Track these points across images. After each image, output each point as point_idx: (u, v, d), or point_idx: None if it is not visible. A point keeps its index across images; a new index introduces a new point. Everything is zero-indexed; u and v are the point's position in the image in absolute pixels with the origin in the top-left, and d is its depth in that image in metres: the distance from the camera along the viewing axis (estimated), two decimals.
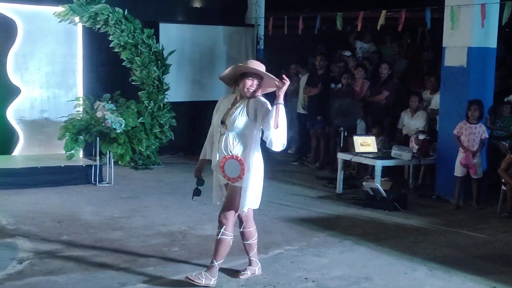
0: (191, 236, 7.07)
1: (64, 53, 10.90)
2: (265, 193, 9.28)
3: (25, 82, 10.65)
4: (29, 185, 9.31)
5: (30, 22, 10.57)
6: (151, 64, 11.03)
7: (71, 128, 9.84)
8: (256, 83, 5.36)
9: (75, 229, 7.16)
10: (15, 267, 5.74)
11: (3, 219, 7.50)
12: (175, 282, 5.56)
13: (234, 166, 5.29)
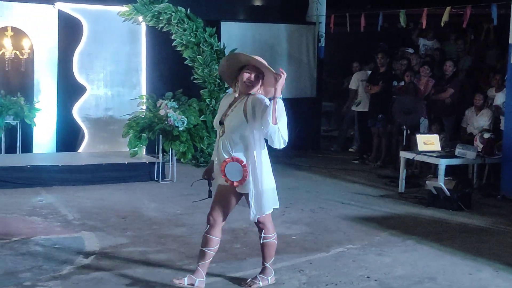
0: (252, 233, 7.07)
1: (128, 52, 11.09)
2: (326, 192, 9.40)
3: (90, 81, 10.88)
4: (94, 182, 9.51)
5: (95, 21, 10.79)
6: (213, 62, 11.11)
7: (134, 126, 10.00)
8: (254, 77, 4.96)
9: (139, 225, 7.28)
10: (81, 261, 5.87)
11: (70, 214, 7.68)
12: (238, 279, 5.58)
13: (236, 169, 4.94)
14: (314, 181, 10.31)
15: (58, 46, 10.61)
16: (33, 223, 7.23)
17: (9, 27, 10.23)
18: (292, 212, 8.06)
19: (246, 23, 12.73)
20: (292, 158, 12.31)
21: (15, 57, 10.24)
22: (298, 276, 5.68)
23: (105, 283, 5.32)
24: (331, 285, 5.50)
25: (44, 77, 10.57)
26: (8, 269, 5.54)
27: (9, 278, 5.30)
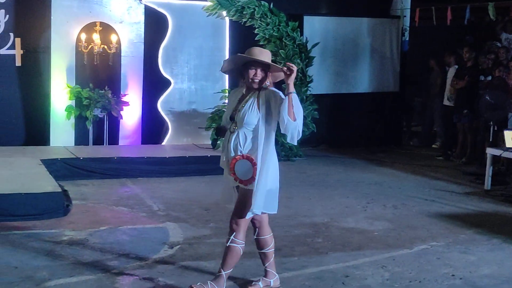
0: (334, 228, 7.08)
1: (211, 46, 11.25)
2: (409, 188, 9.27)
3: (174, 75, 11.10)
4: (178, 174, 9.69)
5: (180, 16, 10.99)
6: (295, 56, 11.12)
7: (217, 119, 10.13)
8: (260, 72, 4.74)
9: (222, 217, 7.35)
10: (166, 251, 5.99)
11: (155, 205, 7.85)
12: (319, 272, 5.58)
13: (246, 167, 4.71)
14: (397, 176, 10.18)
15: (144, 40, 10.85)
16: (120, 213, 7.43)
17: (98, 22, 10.53)
18: (375, 208, 7.99)
19: (329, 17, 12.66)
20: (374, 154, 12.20)
21: (103, 51, 10.53)
22: (381, 272, 5.64)
23: (189, 273, 5.42)
24: (415, 282, 5.43)
25: (131, 71, 10.84)
26: (97, 257, 5.72)
27: (97, 266, 5.47)
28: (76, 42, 10.44)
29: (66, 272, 5.29)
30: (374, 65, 13.00)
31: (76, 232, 6.52)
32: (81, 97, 10.42)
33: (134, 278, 5.23)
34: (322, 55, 12.17)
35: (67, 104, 10.49)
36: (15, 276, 5.14)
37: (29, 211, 6.93)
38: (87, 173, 9.30)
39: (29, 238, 6.26)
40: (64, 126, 10.54)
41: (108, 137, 10.78)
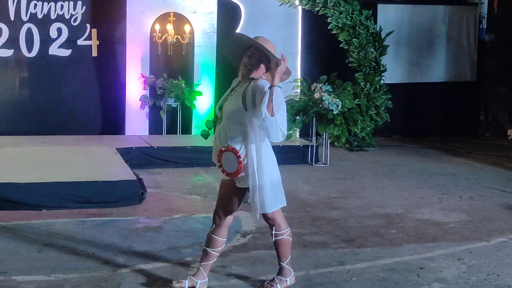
0: (408, 219, 6.96)
1: (283, 36, 11.20)
2: (486, 179, 9.03)
3: None
4: None
5: (252, 6, 11.00)
6: (369, 45, 10.99)
7: (289, 109, 10.09)
8: (255, 60, 4.44)
9: (293, 207, 7.34)
10: (239, 240, 6.02)
11: None
12: (393, 264, 5.50)
13: (231, 159, 4.44)
14: (473, 167, 9.93)
15: (217, 30, 10.90)
16: (193, 201, 7.51)
17: (171, 12, 10.63)
18: (450, 199, 7.82)
19: (404, 5, 12.44)
20: (449, 144, 11.94)
21: (177, 41, 10.64)
22: (457, 265, 5.51)
23: (262, 262, 5.43)
24: (493, 276, 5.28)
25: (204, 61, 10.91)
26: (171, 244, 5.79)
27: (172, 253, 5.54)
28: (151, 32, 10.58)
29: (141, 259, 5.37)
30: (450, 54, 12.71)
31: (151, 219, 6.62)
32: (155, 87, 10.57)
33: None
34: (396, 44, 11.98)
35: (141, 94, 10.66)
36: (92, 262, 5.26)
37: (105, 199, 7.08)
38: (161, 161, 9.44)
39: (105, 225, 6.39)
40: (138, 115, 10.72)
41: (181, 126, 10.90)
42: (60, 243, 5.74)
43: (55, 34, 10.42)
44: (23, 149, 8.93)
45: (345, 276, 5.18)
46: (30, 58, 10.40)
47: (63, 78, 10.57)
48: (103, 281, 4.87)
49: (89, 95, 10.77)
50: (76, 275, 4.95)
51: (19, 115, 10.46)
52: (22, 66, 10.50)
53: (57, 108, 10.58)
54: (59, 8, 10.39)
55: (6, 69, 10.42)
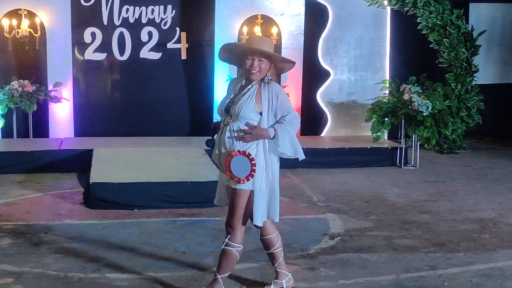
0: (502, 224, 6.74)
1: (372, 37, 11.10)
2: None
3: (334, 66, 11.07)
4: (337, 165, 9.66)
5: (340, 7, 10.93)
6: (460, 45, 10.73)
7: (378, 110, 9.97)
8: (258, 62, 4.29)
9: (382, 210, 7.26)
10: (327, 242, 5.99)
11: (314, 196, 7.87)
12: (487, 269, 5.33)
13: (243, 163, 4.25)
14: None
15: (304, 32, 10.89)
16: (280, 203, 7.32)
17: (259, 15, 10.69)
18: None
19: (496, 4, 12.08)
20: None
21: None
22: None
23: (350, 265, 5.37)
24: None
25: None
26: (259, 245, 5.77)
27: (260, 254, 5.55)
28: (238, 35, 10.67)
29: None
30: None
31: None
32: None
33: (296, 268, 5.27)
34: (489, 44, 11.66)
35: None
36: (183, 261, 5.34)
37: (195, 199, 7.19)
38: None
39: (195, 225, 6.49)
40: None
41: None
42: (152, 242, 5.87)
43: (146, 37, 10.66)
44: (115, 150, 9.18)
45: (436, 281, 5.06)
46: (122, 61, 10.68)
47: (153, 81, 10.80)
48: (193, 280, 4.94)
49: (178, 97, 10.96)
50: (167, 274, 5.04)
51: (112, 117, 10.75)
52: (114, 69, 10.79)
53: (147, 110, 10.82)
54: (150, 12, 10.62)
55: (99, 72, 10.73)
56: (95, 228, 6.31)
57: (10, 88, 10.00)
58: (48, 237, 5.96)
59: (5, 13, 10.10)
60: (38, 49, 10.25)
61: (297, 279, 4.98)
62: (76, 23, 10.40)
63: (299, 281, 4.90)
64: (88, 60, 10.56)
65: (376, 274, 5.18)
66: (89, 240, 5.93)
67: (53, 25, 10.29)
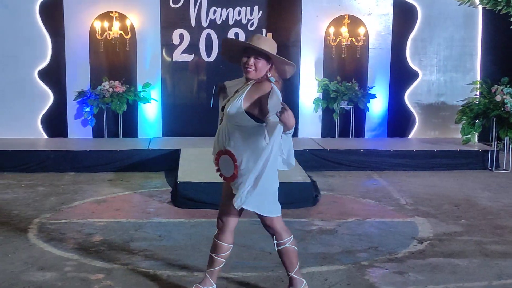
0: None
1: (462, 37, 10.85)
2: None
3: (423, 67, 10.87)
4: (425, 168, 9.47)
5: (430, 6, 10.73)
6: None
7: (468, 112, 9.72)
8: (253, 61, 4.12)
9: (473, 214, 7.05)
10: (416, 246, 5.86)
11: (402, 199, 7.73)
12: None
13: (227, 163, 4.23)
14: None
15: (392, 32, 10.74)
16: (367, 205, 7.43)
17: (346, 15, 10.61)
18: None
19: None
20: None
21: (351, 44, 10.60)
22: None
23: (440, 270, 5.24)
24: None
25: (378, 63, 10.79)
26: (346, 248, 5.76)
27: (347, 256, 5.50)
28: (325, 35, 10.63)
29: (317, 260, 5.39)
30: None
31: (325, 222, 6.62)
32: (328, 89, 10.60)
33: (384, 271, 5.18)
34: None
35: (314, 97, 10.74)
36: (269, 262, 5.34)
37: (280, 200, 7.12)
38: (334, 164, 9.45)
39: None
40: (311, 118, 10.80)
41: (354, 129, 10.84)
42: (238, 241, 5.86)
43: None
44: (202, 150, 9.27)
45: None
46: (209, 62, 10.81)
47: None
48: (280, 281, 4.93)
49: None
50: (254, 274, 5.05)
51: (198, 117, 10.89)
52: (201, 70, 10.94)
53: None
54: (236, 14, 10.71)
55: (186, 73, 10.90)
56: (183, 227, 6.40)
57: (101, 88, 10.29)
58: (138, 234, 6.08)
59: (97, 15, 10.40)
60: (128, 50, 10.50)
61: (385, 283, 4.90)
62: (165, 25, 10.61)
63: (387, 285, 4.82)
64: (176, 61, 10.75)
65: (467, 280, 5.03)
66: (177, 238, 6.02)
67: (143, 27, 10.53)
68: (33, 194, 7.76)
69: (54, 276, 4.94)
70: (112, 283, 4.84)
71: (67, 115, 10.61)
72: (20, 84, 10.48)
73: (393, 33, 10.75)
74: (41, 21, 10.42)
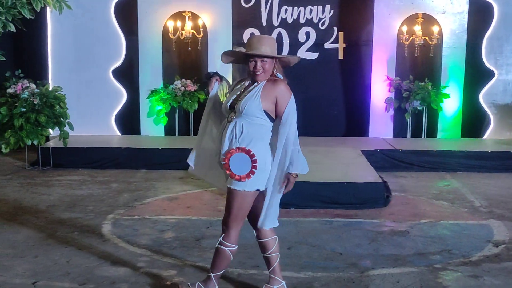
0: None
1: None
2: None
3: (498, 66, 10.60)
4: (500, 169, 9.24)
5: (507, 4, 10.46)
6: None
7: None
8: (260, 64, 4.19)
9: None
10: (491, 250, 5.70)
11: (476, 201, 7.55)
12: None
13: (243, 161, 4.15)
14: None
15: (467, 31, 10.50)
16: (440, 207, 7.27)
17: (419, 13, 10.44)
18: None
19: None
20: None
21: (424, 43, 10.42)
22: None
23: None
24: None
25: (452, 62, 10.57)
26: (419, 250, 5.65)
27: (420, 259, 5.40)
28: (397, 34, 10.48)
29: (388, 262, 5.31)
30: None
31: (397, 223, 6.53)
32: (400, 89, 10.45)
33: (457, 275, 5.06)
34: None
35: (386, 96, 10.61)
36: (340, 262, 5.30)
37: (351, 200, 7.12)
38: (405, 165, 9.31)
39: (351, 226, 6.42)
40: (383, 118, 10.67)
41: (427, 129, 10.66)
42: (309, 241, 5.87)
43: (303, 38, 10.73)
44: None
45: None
46: None
47: (310, 81, 10.84)
48: (351, 282, 4.88)
49: (335, 97, 10.94)
50: (325, 274, 5.02)
51: None
52: None
53: (304, 110, 10.85)
54: (308, 13, 10.68)
55: None
56: None
57: (173, 87, 10.43)
58: (209, 232, 6.13)
59: (170, 15, 10.55)
60: (200, 49, 10.61)
61: (459, 286, 4.79)
62: (236, 24, 10.67)
63: None
64: None
65: None
66: (248, 236, 6.00)
67: (215, 26, 10.62)
68: (107, 191, 7.93)
69: (127, 272, 5.03)
70: (183, 279, 4.89)
71: (140, 113, 10.81)
72: (95, 83, 10.74)
73: (468, 31, 10.51)
74: (116, 21, 10.64)
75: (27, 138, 8.88)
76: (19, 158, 9.87)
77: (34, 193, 7.78)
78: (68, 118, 9.28)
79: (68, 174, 8.92)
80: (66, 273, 4.98)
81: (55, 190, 7.92)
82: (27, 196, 7.62)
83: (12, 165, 9.55)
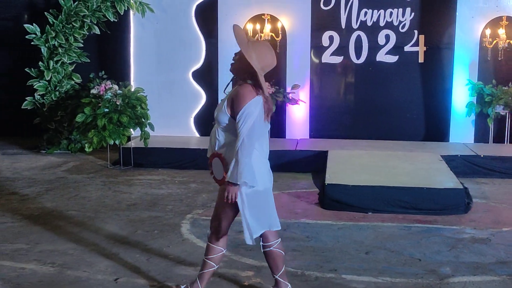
0: None
1: None
2: None
3: None
4: None
5: None
6: None
7: None
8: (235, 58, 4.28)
9: None
10: None
11: None
12: None
13: (218, 165, 4.26)
14: None
15: None
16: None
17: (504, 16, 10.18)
18: None
19: None
20: None
21: (508, 46, 10.15)
22: None
23: None
24: None
25: None
26: (501, 258, 5.51)
27: (502, 267, 5.27)
28: (481, 37, 10.25)
29: (469, 270, 5.20)
30: None
31: (478, 230, 6.38)
32: (483, 93, 10.21)
33: None
34: None
35: (467, 101, 10.38)
36: (419, 268, 5.22)
37: (430, 206, 7.01)
38: (487, 171, 9.09)
39: (430, 232, 6.32)
40: (464, 122, 10.45)
41: (510, 135, 10.38)
42: (387, 246, 5.81)
43: (383, 40, 10.62)
44: (350, 153, 9.25)
45: None
46: (358, 64, 10.75)
47: (389, 84, 10.73)
48: None
49: (414, 101, 10.78)
50: (403, 280, 4.95)
51: (346, 119, 10.86)
52: (349, 73, 10.89)
53: (382, 113, 10.77)
54: (388, 15, 10.57)
55: (334, 75, 10.90)
56: (330, 229, 6.39)
57: None
58: (286, 234, 6.15)
59: (250, 18, 10.63)
60: (278, 52, 10.65)
61: None
62: (315, 27, 10.67)
63: None
64: (324, 63, 10.78)
65: None
66: (325, 240, 6.02)
67: (294, 29, 10.64)
68: (185, 190, 8.06)
69: None
70: (261, 280, 4.93)
71: None
72: (175, 84, 10.94)
73: None
74: (196, 24, 10.81)
75: (109, 138, 9.13)
76: (101, 157, 10.15)
77: (115, 191, 7.99)
78: (149, 118, 9.50)
79: (148, 174, 9.12)
80: (146, 270, 5.10)
81: (136, 189, 8.11)
82: (109, 194, 7.83)
83: (95, 164, 9.82)
